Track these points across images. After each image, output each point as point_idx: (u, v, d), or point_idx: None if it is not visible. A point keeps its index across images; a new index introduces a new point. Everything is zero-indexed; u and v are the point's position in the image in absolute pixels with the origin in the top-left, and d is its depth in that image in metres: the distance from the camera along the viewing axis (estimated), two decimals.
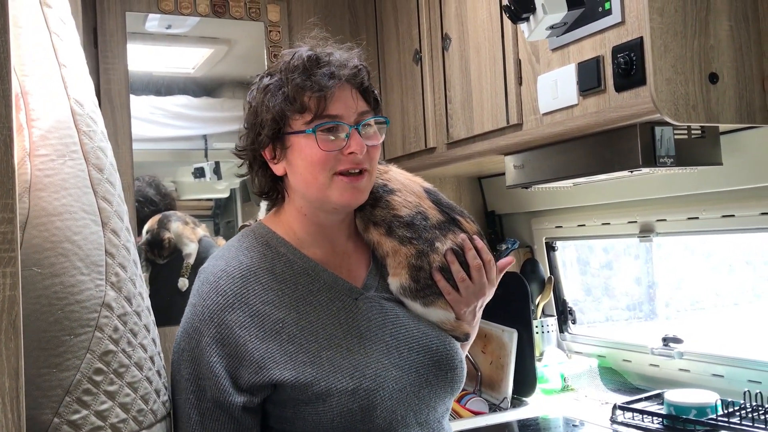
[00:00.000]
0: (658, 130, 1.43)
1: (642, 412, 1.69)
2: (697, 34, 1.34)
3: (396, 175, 1.24)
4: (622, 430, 1.69)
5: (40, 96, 1.02)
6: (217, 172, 2.32)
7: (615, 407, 1.74)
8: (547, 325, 2.29)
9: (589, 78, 1.45)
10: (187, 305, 1.16)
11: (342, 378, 1.07)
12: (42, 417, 0.94)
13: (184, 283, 2.21)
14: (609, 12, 1.39)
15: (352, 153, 1.10)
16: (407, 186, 1.22)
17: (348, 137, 1.11)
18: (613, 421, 1.72)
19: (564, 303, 2.36)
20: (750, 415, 1.54)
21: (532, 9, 1.40)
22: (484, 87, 1.80)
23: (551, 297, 2.32)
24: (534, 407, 1.97)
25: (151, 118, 2.25)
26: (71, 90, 1.05)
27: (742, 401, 1.58)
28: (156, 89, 2.25)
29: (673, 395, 1.66)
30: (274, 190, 1.20)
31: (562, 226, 2.26)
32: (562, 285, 2.37)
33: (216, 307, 1.10)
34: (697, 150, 1.49)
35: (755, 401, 1.56)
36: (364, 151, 1.11)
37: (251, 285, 1.12)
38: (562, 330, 2.35)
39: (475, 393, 2.05)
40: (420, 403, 1.13)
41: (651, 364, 1.99)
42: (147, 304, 1.12)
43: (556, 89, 1.55)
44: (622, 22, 1.36)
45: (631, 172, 1.55)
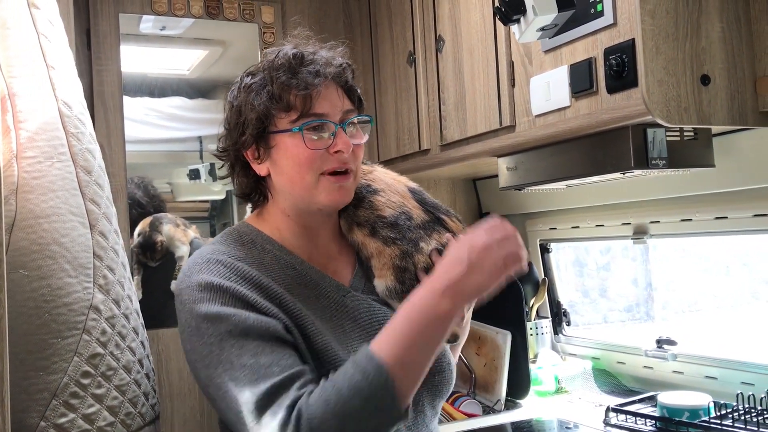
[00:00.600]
0: (650, 131, 1.43)
1: (635, 414, 1.69)
2: (688, 35, 1.33)
3: (380, 175, 1.23)
4: None
5: (27, 98, 1.02)
6: (212, 173, 2.31)
7: (608, 409, 1.74)
8: (541, 327, 2.28)
9: (581, 80, 1.45)
10: (177, 299, 1.08)
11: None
12: (28, 420, 0.94)
13: None
14: (601, 14, 1.38)
15: (338, 152, 1.09)
16: (391, 186, 1.21)
17: (334, 136, 1.10)
18: (607, 423, 1.72)
19: (558, 305, 2.36)
20: (742, 417, 1.53)
21: (522, 11, 1.40)
22: (478, 89, 1.80)
23: (545, 299, 2.32)
24: (528, 409, 1.97)
25: (146, 120, 2.25)
26: (59, 92, 1.05)
27: (735, 403, 1.58)
28: (150, 91, 2.25)
29: (666, 397, 1.66)
30: (257, 191, 1.19)
31: (556, 228, 2.26)
32: (556, 287, 2.37)
33: (216, 273, 1.05)
34: (690, 152, 1.49)
35: (748, 403, 1.56)
36: (350, 150, 1.10)
37: (242, 267, 1.08)
38: (556, 332, 2.34)
39: (468, 395, 2.05)
40: None
41: (645, 366, 1.99)
42: (136, 306, 1.12)
43: (548, 91, 1.54)
44: (614, 24, 1.36)
45: (624, 174, 1.54)
